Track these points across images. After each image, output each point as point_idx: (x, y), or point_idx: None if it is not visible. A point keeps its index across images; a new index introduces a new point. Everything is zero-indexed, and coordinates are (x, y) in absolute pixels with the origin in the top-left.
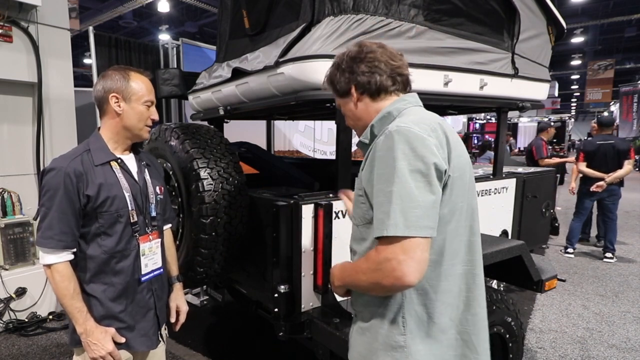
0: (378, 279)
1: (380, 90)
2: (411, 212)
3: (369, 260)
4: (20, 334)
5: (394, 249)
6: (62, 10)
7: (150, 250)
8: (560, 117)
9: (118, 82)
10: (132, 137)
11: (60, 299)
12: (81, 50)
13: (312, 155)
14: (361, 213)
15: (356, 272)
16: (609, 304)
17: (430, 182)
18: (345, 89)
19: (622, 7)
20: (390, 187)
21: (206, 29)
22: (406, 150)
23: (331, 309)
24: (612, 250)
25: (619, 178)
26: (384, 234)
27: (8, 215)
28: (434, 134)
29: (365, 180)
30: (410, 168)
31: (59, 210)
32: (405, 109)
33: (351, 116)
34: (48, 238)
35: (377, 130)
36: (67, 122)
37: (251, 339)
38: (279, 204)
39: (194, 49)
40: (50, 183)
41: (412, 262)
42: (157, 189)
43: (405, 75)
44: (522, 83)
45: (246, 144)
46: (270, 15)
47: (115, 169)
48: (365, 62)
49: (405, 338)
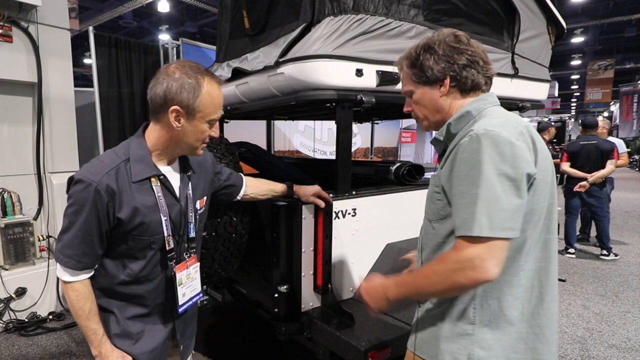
0: (457, 279)
1: (473, 88)
2: (496, 215)
3: (447, 261)
4: (20, 334)
5: (477, 248)
6: (62, 10)
7: (189, 278)
8: (560, 117)
9: (186, 92)
10: (184, 152)
11: (75, 317)
12: (81, 50)
13: (312, 155)
14: (435, 209)
15: (427, 277)
16: (609, 304)
17: (518, 187)
18: (437, 78)
19: (622, 7)
20: (476, 189)
21: (206, 29)
22: (493, 155)
23: (331, 309)
24: (607, 247)
25: (601, 178)
26: (468, 234)
27: (8, 215)
28: (521, 137)
29: (445, 178)
30: (497, 172)
31: (83, 229)
32: (485, 109)
33: (430, 107)
34: (67, 257)
35: (454, 129)
36: (67, 122)
37: (251, 339)
38: (279, 204)
39: (194, 49)
40: (77, 197)
41: (494, 260)
42: (197, 203)
43: (493, 76)
44: (522, 83)
45: (246, 144)
46: (270, 15)
47: (155, 187)
48: (466, 54)
49: (474, 327)
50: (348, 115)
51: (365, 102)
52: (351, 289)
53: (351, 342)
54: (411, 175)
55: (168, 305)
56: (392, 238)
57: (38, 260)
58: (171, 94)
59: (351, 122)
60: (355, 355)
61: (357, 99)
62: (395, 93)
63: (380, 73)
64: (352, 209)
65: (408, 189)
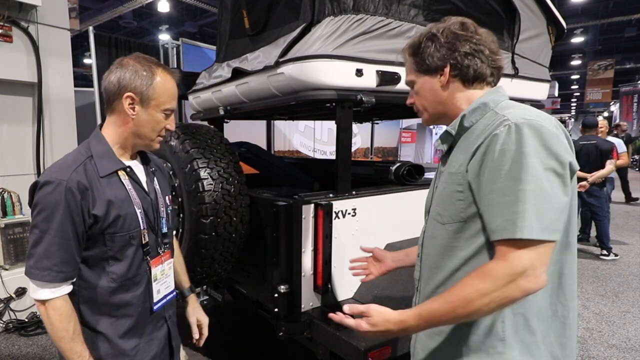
0: (510, 294)
1: (477, 78)
2: (546, 215)
3: (496, 276)
4: (20, 334)
5: (529, 254)
6: (62, 10)
7: (163, 274)
8: (560, 117)
9: (139, 79)
10: (140, 146)
11: (56, 341)
12: (81, 50)
13: (312, 155)
14: (455, 211)
15: (470, 301)
16: (609, 304)
17: (564, 183)
18: (436, 66)
19: (622, 7)
20: (521, 185)
21: (206, 29)
22: (538, 147)
23: (331, 309)
24: (607, 247)
25: (601, 178)
26: (516, 236)
27: (8, 215)
28: (557, 129)
29: (473, 174)
30: (544, 166)
31: (59, 235)
32: (502, 102)
33: (430, 98)
34: (45, 269)
35: (468, 122)
36: (67, 122)
37: (251, 339)
38: (279, 204)
39: (194, 49)
40: (47, 200)
41: (545, 267)
42: (166, 199)
43: (502, 68)
44: (522, 83)
45: (246, 144)
46: (270, 15)
47: (124, 180)
48: (470, 43)
49: (505, 344)
50: (348, 115)
51: (365, 102)
52: (351, 289)
53: (351, 342)
54: (411, 175)
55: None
56: (392, 238)
57: None
58: (125, 80)
59: (351, 122)
60: (355, 355)
61: (357, 99)
62: (395, 93)
63: (380, 73)
64: (352, 209)
65: (408, 189)
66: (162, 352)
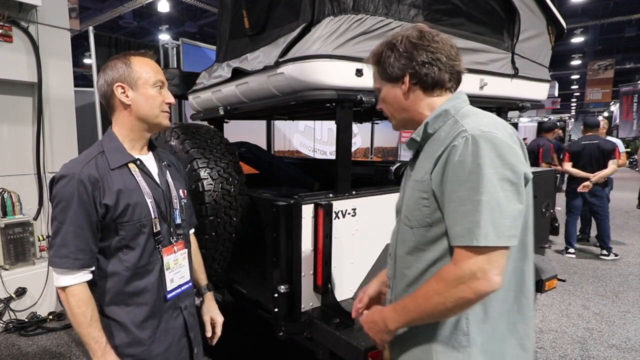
0: (461, 294)
1: (436, 85)
2: (501, 222)
3: (447, 278)
4: (20, 334)
5: (480, 259)
6: (62, 10)
7: (176, 263)
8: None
9: (120, 69)
10: (150, 128)
11: (75, 326)
12: (81, 50)
13: (312, 155)
14: (421, 216)
15: (427, 298)
16: (609, 304)
17: (518, 191)
18: (397, 75)
19: (622, 7)
20: (478, 195)
21: (206, 29)
22: (493, 158)
23: (331, 309)
24: (607, 247)
25: (604, 178)
26: (473, 244)
27: (8, 215)
28: (512, 138)
29: (436, 183)
30: (499, 177)
31: (73, 224)
32: (463, 108)
33: (395, 105)
34: (62, 257)
35: (432, 129)
36: (67, 122)
37: (251, 339)
38: (279, 204)
39: (194, 49)
40: (62, 193)
41: (496, 270)
42: (180, 192)
43: (461, 72)
44: (522, 83)
45: (246, 144)
46: (270, 15)
47: (134, 172)
48: (427, 51)
49: (469, 338)
50: (348, 115)
51: (365, 102)
52: (351, 289)
53: (351, 342)
54: None
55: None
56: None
57: (38, 260)
58: (110, 77)
59: (351, 122)
60: (355, 355)
61: (357, 99)
62: None
63: None
64: (352, 209)
65: None
66: (178, 342)
